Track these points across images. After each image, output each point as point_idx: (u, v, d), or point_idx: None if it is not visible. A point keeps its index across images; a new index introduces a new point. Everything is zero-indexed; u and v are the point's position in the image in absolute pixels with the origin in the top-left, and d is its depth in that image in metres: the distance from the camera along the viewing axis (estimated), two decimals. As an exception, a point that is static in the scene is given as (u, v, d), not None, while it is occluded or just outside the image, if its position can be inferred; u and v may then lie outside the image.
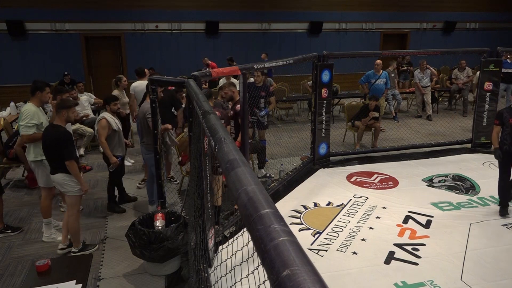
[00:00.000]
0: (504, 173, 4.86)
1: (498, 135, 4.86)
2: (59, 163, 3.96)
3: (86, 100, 7.92)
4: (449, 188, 5.73)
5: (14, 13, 11.27)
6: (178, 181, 6.07)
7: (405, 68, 12.13)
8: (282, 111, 10.69)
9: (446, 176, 6.17)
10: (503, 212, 4.90)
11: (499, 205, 4.98)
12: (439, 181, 5.97)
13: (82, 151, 7.27)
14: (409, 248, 4.19)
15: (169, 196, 5.33)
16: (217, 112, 4.20)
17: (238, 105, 5.00)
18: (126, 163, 6.56)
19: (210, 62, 11.55)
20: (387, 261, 3.96)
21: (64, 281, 2.87)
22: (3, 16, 11.16)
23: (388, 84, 8.88)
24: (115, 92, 6.94)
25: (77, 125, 7.14)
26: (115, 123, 5.06)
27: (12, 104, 7.72)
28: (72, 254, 4.19)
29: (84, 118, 7.46)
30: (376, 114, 7.60)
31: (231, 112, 5.44)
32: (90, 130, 7.16)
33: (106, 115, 5.04)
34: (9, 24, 11.23)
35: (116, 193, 5.36)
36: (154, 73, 11.02)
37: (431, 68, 10.07)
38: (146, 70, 7.13)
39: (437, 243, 4.27)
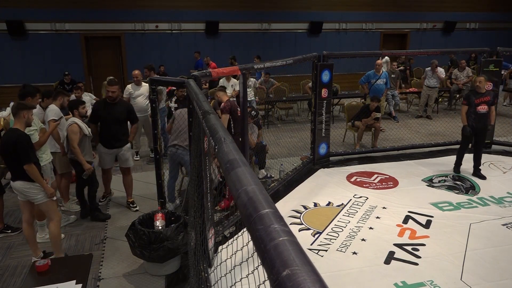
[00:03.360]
0: (465, 143, 6.11)
1: (465, 114, 5.93)
2: (18, 169, 3.70)
3: (88, 101, 7.89)
4: (449, 188, 5.73)
5: (14, 13, 11.27)
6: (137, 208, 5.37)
7: (402, 68, 12.13)
8: (282, 111, 10.69)
9: (446, 176, 6.17)
10: (456, 170, 6.24)
11: (454, 164, 6.28)
12: (439, 181, 5.98)
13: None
14: (409, 248, 4.19)
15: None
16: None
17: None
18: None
19: (211, 62, 11.54)
20: (387, 261, 3.96)
21: (64, 281, 2.87)
22: (3, 16, 11.16)
23: (388, 84, 8.85)
24: None
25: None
26: (86, 127, 4.88)
27: (12, 104, 7.72)
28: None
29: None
30: (378, 115, 7.60)
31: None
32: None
33: (76, 119, 4.79)
34: (9, 24, 11.23)
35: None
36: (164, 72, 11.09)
37: (438, 72, 9.88)
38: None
39: (437, 243, 4.27)
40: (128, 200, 5.39)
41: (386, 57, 11.57)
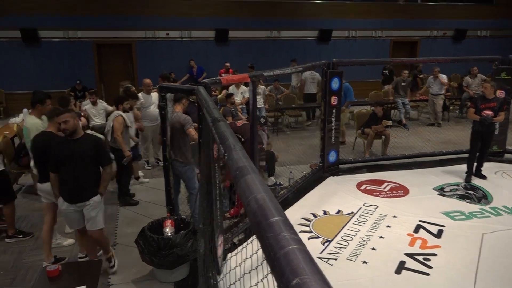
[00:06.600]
0: (473, 148, 6.18)
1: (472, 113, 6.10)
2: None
3: (102, 108, 7.95)
4: (461, 197, 5.65)
5: (28, 21, 11.49)
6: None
7: (421, 76, 12.10)
8: (292, 118, 10.68)
9: (458, 185, 6.10)
10: (468, 180, 6.18)
11: (465, 173, 6.28)
12: (451, 190, 5.90)
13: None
14: (420, 258, 4.13)
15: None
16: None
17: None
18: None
19: (230, 69, 11.60)
20: (398, 271, 3.91)
21: (74, 286, 2.88)
22: (17, 24, 11.38)
23: (350, 97, 8.38)
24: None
25: (89, 132, 7.19)
26: (128, 119, 5.63)
27: (25, 110, 7.83)
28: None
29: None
30: (389, 123, 7.56)
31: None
32: (102, 136, 7.21)
33: (121, 112, 5.59)
34: (23, 32, 11.44)
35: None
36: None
37: (440, 78, 9.93)
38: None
39: (449, 253, 4.21)
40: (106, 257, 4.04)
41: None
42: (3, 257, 4.36)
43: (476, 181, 6.19)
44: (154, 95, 6.91)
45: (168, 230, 3.86)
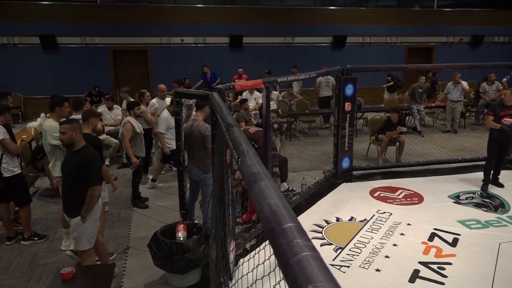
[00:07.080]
0: (490, 156, 6.05)
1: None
2: None
3: (118, 114, 8.06)
4: (477, 205, 5.55)
5: (47, 28, 11.75)
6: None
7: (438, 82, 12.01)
8: (305, 124, 10.66)
9: (474, 193, 5.99)
10: (484, 188, 6.07)
11: (482, 181, 6.14)
12: (466, 198, 5.80)
13: (107, 161, 7.42)
14: (434, 266, 4.06)
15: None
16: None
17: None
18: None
19: (243, 75, 11.68)
20: (412, 280, 3.85)
21: (87, 289, 2.91)
22: (37, 30, 11.64)
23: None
24: (142, 108, 6.94)
25: (103, 136, 7.30)
26: (138, 126, 5.59)
27: (42, 115, 7.99)
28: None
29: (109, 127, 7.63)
30: (404, 129, 7.47)
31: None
32: (116, 141, 7.32)
33: (130, 119, 5.57)
34: (42, 38, 11.70)
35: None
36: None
37: (463, 84, 9.80)
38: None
39: (464, 263, 4.13)
40: None
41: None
42: (19, 259, 4.43)
43: (493, 189, 6.08)
44: (169, 101, 6.99)
45: (181, 234, 3.87)
